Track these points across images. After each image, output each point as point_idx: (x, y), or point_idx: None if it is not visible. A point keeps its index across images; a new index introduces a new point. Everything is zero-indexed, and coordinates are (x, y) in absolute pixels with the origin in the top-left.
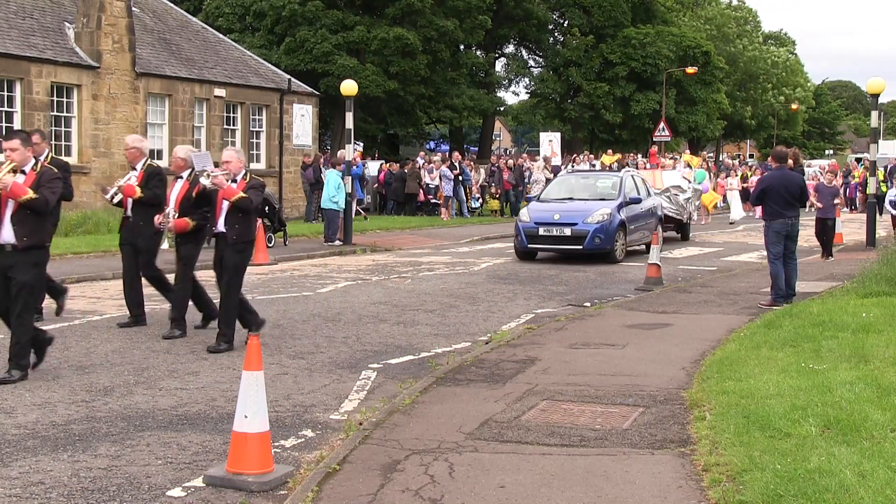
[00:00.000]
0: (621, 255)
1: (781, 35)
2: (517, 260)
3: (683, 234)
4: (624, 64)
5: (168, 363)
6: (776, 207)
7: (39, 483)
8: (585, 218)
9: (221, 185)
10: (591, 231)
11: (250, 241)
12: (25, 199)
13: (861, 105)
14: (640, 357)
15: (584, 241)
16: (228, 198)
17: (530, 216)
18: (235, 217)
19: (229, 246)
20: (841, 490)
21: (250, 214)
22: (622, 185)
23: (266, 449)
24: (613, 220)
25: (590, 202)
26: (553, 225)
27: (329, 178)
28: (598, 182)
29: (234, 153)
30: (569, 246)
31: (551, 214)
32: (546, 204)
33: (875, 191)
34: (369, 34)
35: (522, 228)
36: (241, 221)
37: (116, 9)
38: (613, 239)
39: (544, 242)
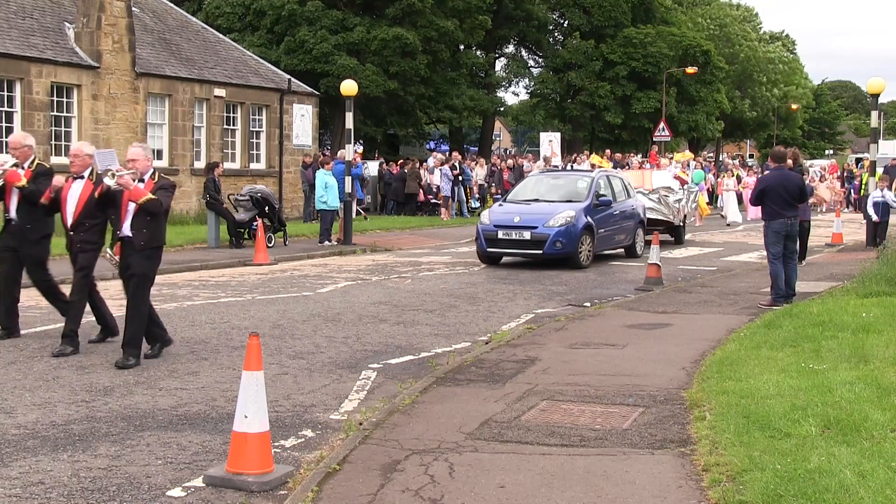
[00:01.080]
0: (587, 261)
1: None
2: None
3: (677, 238)
4: (624, 64)
5: (168, 363)
6: (775, 207)
7: (39, 483)
8: (546, 221)
9: (128, 185)
10: (552, 235)
11: (159, 246)
12: (144, 200)
13: (861, 105)
14: (640, 357)
15: (545, 245)
16: (135, 199)
17: (490, 218)
18: (143, 220)
19: (136, 252)
20: (841, 490)
21: (160, 217)
22: (592, 186)
23: (266, 449)
24: (577, 223)
25: (555, 204)
26: (512, 228)
27: (317, 179)
28: (568, 183)
29: (140, 150)
30: (528, 250)
31: (512, 217)
32: (509, 206)
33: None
34: (369, 34)
35: (482, 231)
36: (149, 225)
37: (116, 9)
38: (577, 243)
39: (504, 246)
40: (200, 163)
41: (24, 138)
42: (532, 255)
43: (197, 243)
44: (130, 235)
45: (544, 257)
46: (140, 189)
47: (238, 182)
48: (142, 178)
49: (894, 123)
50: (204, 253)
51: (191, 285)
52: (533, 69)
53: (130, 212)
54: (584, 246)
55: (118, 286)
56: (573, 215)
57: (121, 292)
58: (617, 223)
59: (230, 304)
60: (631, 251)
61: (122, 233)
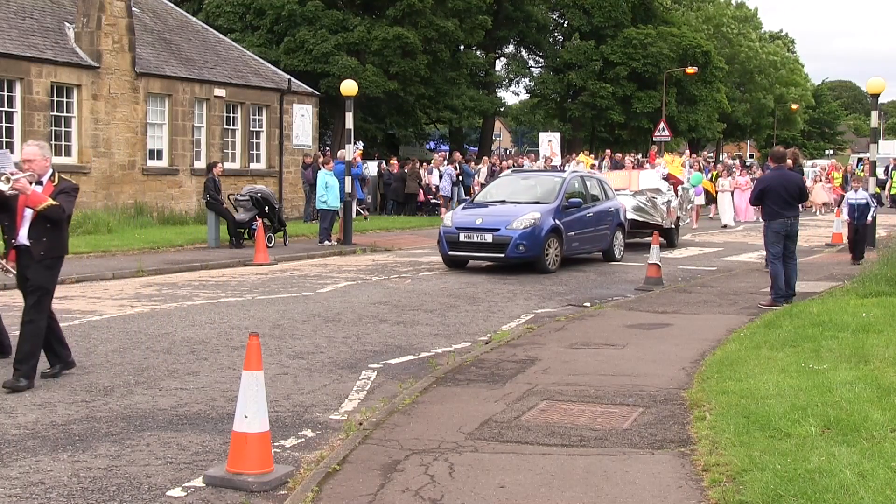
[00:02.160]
0: (554, 266)
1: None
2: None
3: (669, 241)
4: (625, 64)
5: (168, 363)
6: (775, 207)
7: (39, 483)
8: (509, 223)
9: (24, 190)
10: (515, 238)
11: (61, 256)
12: (45, 207)
13: (861, 105)
14: (640, 357)
15: (507, 248)
16: (34, 206)
17: (453, 220)
18: (42, 228)
19: (36, 263)
20: (841, 490)
21: (62, 224)
22: (562, 187)
23: (266, 449)
24: (543, 225)
25: (521, 206)
26: (474, 230)
27: (318, 179)
28: (538, 184)
29: (37, 149)
30: (490, 254)
31: (474, 219)
32: (473, 208)
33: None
34: (369, 34)
35: (443, 234)
36: (49, 234)
37: (116, 9)
38: (542, 246)
39: (466, 250)
40: (200, 163)
41: (41, 149)
42: (494, 258)
43: (197, 243)
44: (28, 244)
45: (507, 261)
46: (39, 194)
47: (238, 182)
48: (39, 181)
49: (894, 123)
50: (204, 253)
51: (191, 285)
52: (533, 69)
53: (27, 219)
54: (550, 249)
55: (118, 286)
56: (538, 217)
57: (121, 292)
58: (591, 225)
59: (230, 304)
60: (608, 255)
61: (18, 241)
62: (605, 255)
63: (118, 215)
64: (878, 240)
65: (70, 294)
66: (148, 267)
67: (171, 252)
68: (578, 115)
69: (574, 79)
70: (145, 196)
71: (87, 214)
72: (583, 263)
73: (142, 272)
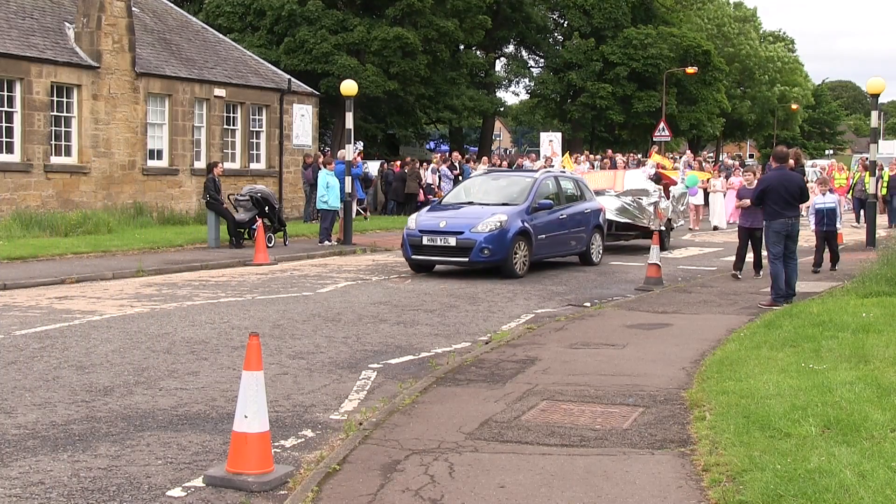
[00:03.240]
0: (522, 270)
1: (781, 35)
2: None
3: (660, 243)
4: (625, 64)
5: (168, 363)
6: (776, 207)
7: (39, 483)
8: (473, 226)
9: None
10: (479, 241)
11: None
12: None
13: (861, 105)
14: (640, 357)
15: (471, 252)
16: None
17: (417, 223)
18: None
19: None
20: (841, 490)
21: None
22: (533, 188)
23: (266, 449)
24: (510, 228)
25: (489, 207)
26: (437, 233)
27: (319, 179)
28: (509, 185)
29: None
30: (454, 258)
31: (438, 221)
32: (440, 210)
33: (875, 191)
34: (369, 34)
35: (407, 237)
36: None
37: (116, 9)
38: (508, 250)
39: (429, 253)
40: (200, 163)
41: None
42: (458, 263)
43: (197, 243)
44: None
45: (471, 265)
46: None
47: (238, 182)
48: None
49: (894, 123)
50: (204, 253)
51: (191, 285)
52: (533, 69)
53: None
54: (518, 253)
55: (118, 286)
56: (504, 220)
57: (121, 292)
58: (564, 228)
59: (230, 304)
60: (585, 258)
61: None
62: (582, 258)
63: (118, 215)
64: (878, 240)
65: (70, 294)
66: (148, 267)
67: (171, 252)
68: (578, 115)
69: (574, 79)
70: (145, 196)
71: (87, 214)
72: (582, 263)
73: (142, 272)
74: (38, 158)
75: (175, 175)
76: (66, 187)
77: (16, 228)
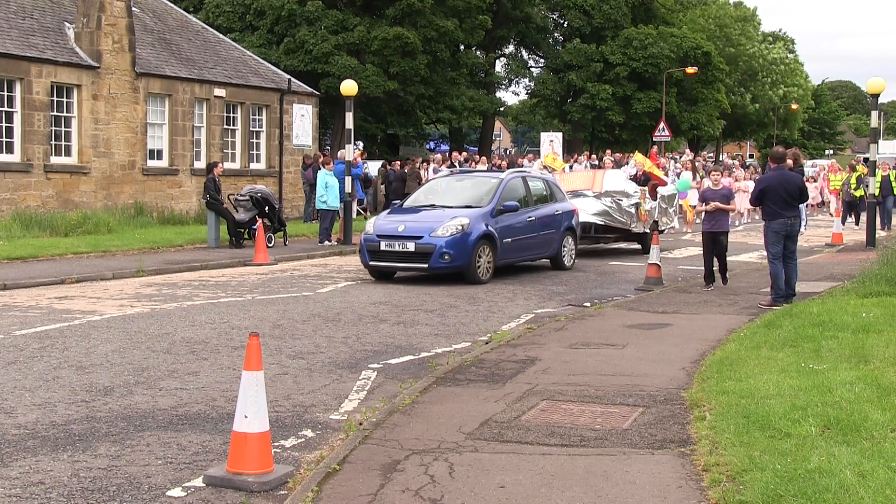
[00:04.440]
0: (486, 276)
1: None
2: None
3: (644, 246)
4: (625, 65)
5: (168, 363)
6: (775, 208)
7: (39, 483)
8: (433, 230)
9: None
10: (439, 246)
11: None
12: None
13: (861, 105)
14: (640, 357)
15: (431, 258)
16: None
17: (375, 227)
18: None
19: None
20: (841, 490)
21: None
22: (498, 189)
23: (266, 449)
24: (472, 232)
25: (451, 210)
26: (395, 238)
27: (318, 179)
28: (473, 186)
29: None
30: (413, 263)
31: (396, 225)
32: (400, 213)
33: (874, 191)
34: (369, 34)
35: (364, 242)
36: None
37: (116, 9)
38: (471, 255)
39: (388, 259)
40: (200, 163)
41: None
42: (417, 269)
43: (197, 243)
44: None
45: (431, 272)
46: None
47: (238, 182)
48: None
49: (894, 123)
50: (204, 253)
51: (191, 285)
52: (533, 69)
53: None
54: (481, 258)
55: (118, 286)
56: (467, 223)
57: (121, 292)
58: (533, 231)
59: (230, 304)
60: (556, 262)
61: None
62: (553, 262)
63: (118, 215)
64: (878, 240)
65: (70, 294)
66: (148, 267)
67: (171, 252)
68: (578, 115)
69: (574, 80)
70: (145, 196)
71: (87, 214)
72: (582, 263)
73: (142, 272)
74: (38, 158)
75: (175, 175)
76: (66, 187)
77: (16, 228)
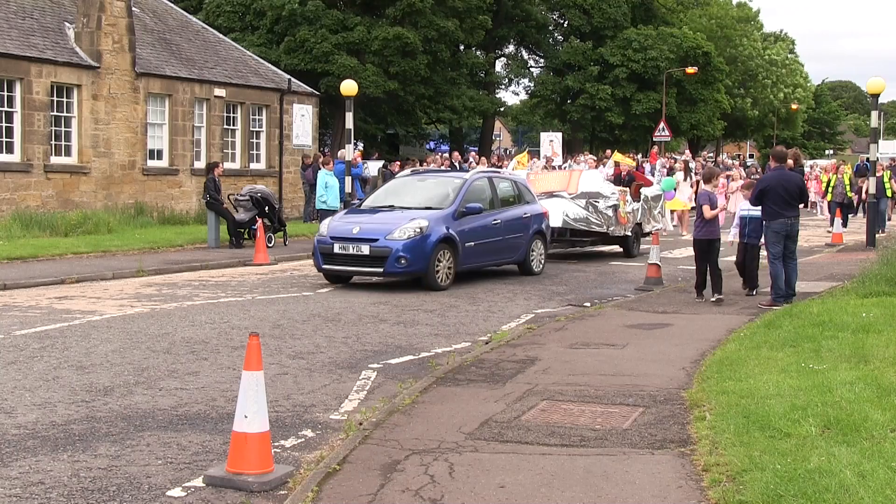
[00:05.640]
0: (446, 282)
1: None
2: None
3: (626, 250)
4: (624, 65)
5: (168, 363)
6: (775, 207)
7: (39, 483)
8: (389, 233)
9: None
10: (395, 250)
11: None
12: None
13: (861, 105)
14: (640, 357)
15: (386, 262)
16: None
17: (329, 228)
18: None
19: None
20: (841, 490)
21: None
22: (461, 190)
23: (266, 449)
24: (431, 235)
25: (409, 211)
26: (350, 241)
27: (318, 179)
28: (436, 186)
29: None
30: (368, 268)
31: (351, 227)
32: (356, 214)
33: (874, 191)
34: (369, 34)
35: (317, 244)
36: None
37: (116, 9)
38: (429, 259)
39: (342, 263)
40: (200, 163)
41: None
42: (372, 273)
43: (197, 243)
44: None
45: (387, 276)
46: None
47: (238, 182)
48: None
49: (894, 123)
50: (204, 253)
51: (191, 285)
52: (533, 69)
53: None
54: (441, 263)
55: (118, 286)
56: (425, 225)
57: (121, 292)
58: (499, 234)
59: (230, 304)
60: (525, 267)
61: None
62: (521, 267)
63: (118, 215)
64: (878, 239)
65: (70, 294)
66: (148, 267)
67: (171, 252)
68: (578, 116)
69: (573, 81)
70: (145, 196)
71: (87, 214)
72: (582, 263)
73: (142, 272)
74: (38, 158)
75: (175, 175)
76: (66, 187)
77: (16, 228)
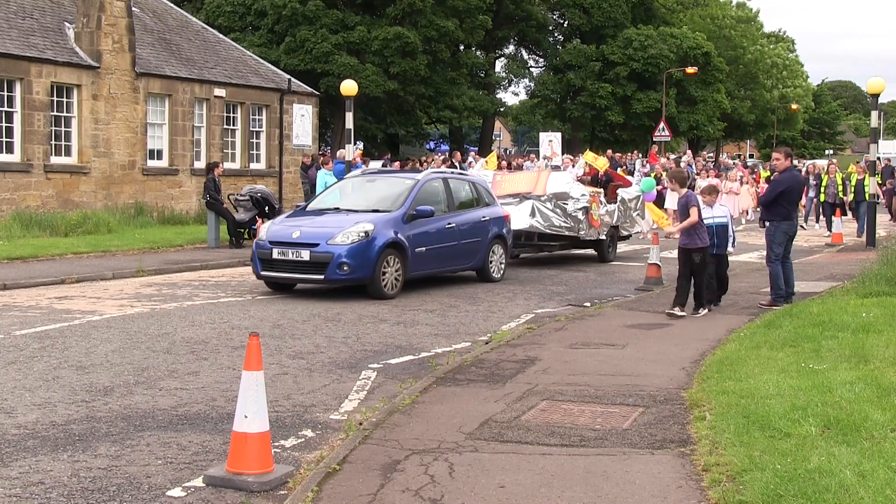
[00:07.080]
0: (393, 290)
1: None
2: (513, 259)
3: (600, 254)
4: (624, 64)
5: (168, 363)
6: (789, 209)
7: (39, 483)
8: (332, 237)
9: None
10: (337, 255)
11: None
12: None
13: (861, 105)
14: (640, 357)
15: (327, 268)
16: None
17: (268, 233)
18: None
19: None
20: (841, 490)
21: None
22: (412, 192)
23: (266, 449)
24: (377, 239)
25: (355, 215)
26: (290, 246)
27: (318, 179)
28: (386, 187)
29: None
30: (308, 274)
31: (291, 231)
32: (297, 217)
33: (874, 191)
34: (369, 34)
35: (256, 249)
36: None
37: (116, 9)
38: (374, 266)
39: (281, 269)
40: (200, 163)
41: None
42: (312, 280)
43: (197, 243)
44: None
45: (328, 283)
46: None
47: (238, 182)
48: None
49: (894, 123)
50: (204, 253)
51: (191, 285)
52: (533, 69)
53: None
54: (388, 269)
55: (118, 286)
56: (371, 229)
57: (121, 292)
58: (453, 239)
59: (230, 304)
60: (483, 274)
61: None
62: (480, 273)
63: (118, 215)
64: (878, 239)
65: (70, 294)
66: (148, 267)
67: (171, 252)
68: (578, 115)
69: (573, 79)
70: (145, 196)
71: (87, 214)
72: (583, 263)
73: (142, 272)
74: (38, 158)
75: (175, 175)
76: (66, 187)
77: (16, 228)
